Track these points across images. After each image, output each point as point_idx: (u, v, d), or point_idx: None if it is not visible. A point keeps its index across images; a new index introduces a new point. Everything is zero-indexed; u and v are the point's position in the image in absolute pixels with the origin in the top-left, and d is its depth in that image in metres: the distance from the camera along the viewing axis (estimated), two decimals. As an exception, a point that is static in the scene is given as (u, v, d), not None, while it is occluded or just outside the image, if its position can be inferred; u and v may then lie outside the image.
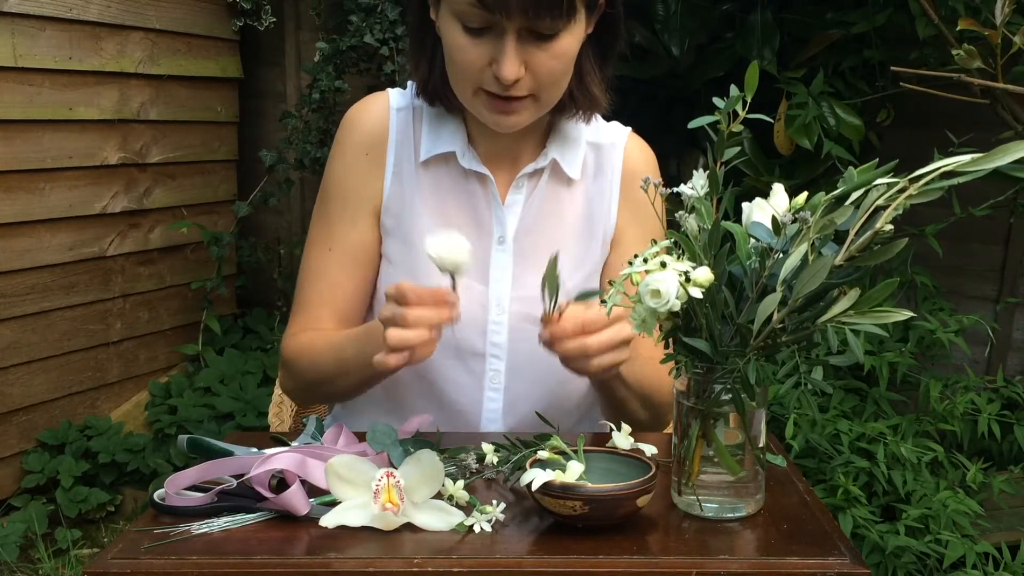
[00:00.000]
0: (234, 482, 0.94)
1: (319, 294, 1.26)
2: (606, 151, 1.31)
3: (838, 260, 0.82)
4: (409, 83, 1.30)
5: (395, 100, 1.28)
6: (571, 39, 1.12)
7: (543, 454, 0.95)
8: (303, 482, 0.93)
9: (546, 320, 1.04)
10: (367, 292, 1.28)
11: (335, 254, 1.26)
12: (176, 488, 0.94)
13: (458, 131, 1.25)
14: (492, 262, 1.24)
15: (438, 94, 1.22)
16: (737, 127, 0.90)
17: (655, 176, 1.18)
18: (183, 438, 1.02)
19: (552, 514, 0.89)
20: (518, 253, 1.25)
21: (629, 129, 1.35)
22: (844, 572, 0.82)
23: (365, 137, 1.26)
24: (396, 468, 0.90)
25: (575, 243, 1.28)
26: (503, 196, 1.26)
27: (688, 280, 0.85)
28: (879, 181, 0.81)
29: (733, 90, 0.89)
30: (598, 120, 1.32)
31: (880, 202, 0.80)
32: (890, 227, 0.81)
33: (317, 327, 1.26)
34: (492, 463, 1.00)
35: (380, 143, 1.26)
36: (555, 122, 1.27)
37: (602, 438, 1.08)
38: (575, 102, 1.22)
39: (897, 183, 0.80)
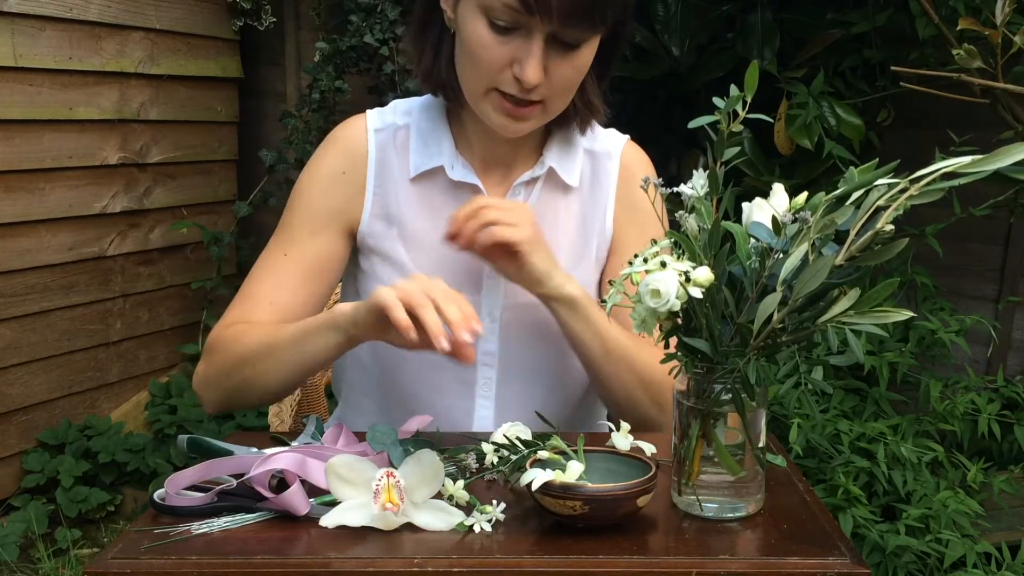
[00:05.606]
0: (234, 482, 0.94)
1: (264, 290, 1.23)
2: (602, 159, 1.30)
3: (838, 260, 0.82)
4: (391, 103, 1.29)
5: (373, 121, 1.27)
6: (589, 53, 1.13)
7: (543, 454, 0.95)
8: (303, 482, 0.93)
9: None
10: (315, 304, 1.26)
11: (289, 259, 1.24)
12: (176, 488, 0.93)
13: (446, 143, 1.24)
14: (485, 271, 1.24)
15: (443, 84, 1.21)
16: (737, 127, 0.90)
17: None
18: (183, 438, 1.02)
19: (552, 514, 0.89)
20: None
21: (627, 137, 1.34)
22: (844, 572, 0.82)
23: (344, 157, 1.26)
24: (396, 468, 0.90)
25: (570, 250, 1.28)
26: None
27: (688, 280, 0.85)
28: (880, 181, 0.81)
29: (733, 90, 0.89)
30: (595, 127, 1.32)
31: (881, 202, 0.80)
32: (890, 227, 0.81)
33: (254, 320, 1.22)
34: (492, 463, 1.00)
35: (360, 164, 1.25)
36: (552, 129, 1.27)
37: (602, 438, 1.08)
38: (577, 112, 1.23)
39: (898, 183, 0.80)
